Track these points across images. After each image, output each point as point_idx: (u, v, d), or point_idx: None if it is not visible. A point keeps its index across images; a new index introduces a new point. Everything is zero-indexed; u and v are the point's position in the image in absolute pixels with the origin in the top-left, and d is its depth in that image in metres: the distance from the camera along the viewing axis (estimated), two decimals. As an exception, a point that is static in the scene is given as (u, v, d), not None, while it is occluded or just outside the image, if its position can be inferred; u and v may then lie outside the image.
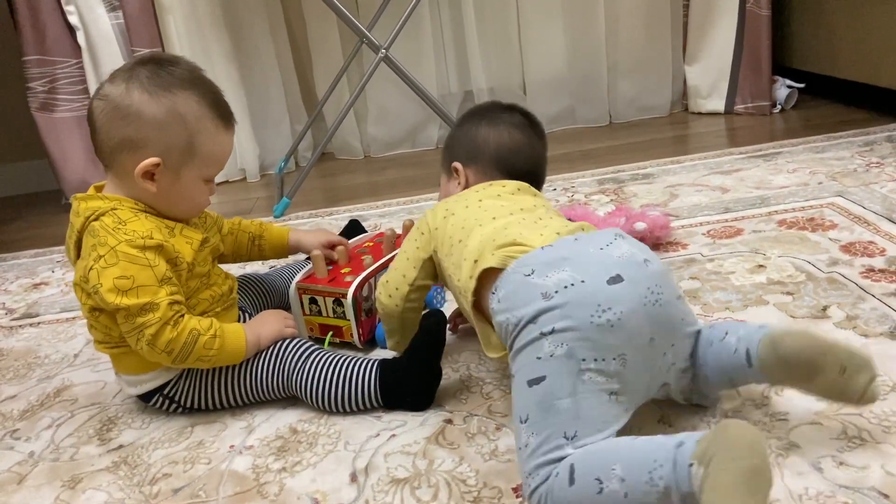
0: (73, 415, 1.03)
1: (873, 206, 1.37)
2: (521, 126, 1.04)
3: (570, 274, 0.74)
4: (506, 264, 0.80)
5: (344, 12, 1.88)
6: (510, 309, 0.76)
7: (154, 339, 0.87)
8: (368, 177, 2.21)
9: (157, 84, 0.89)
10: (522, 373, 0.74)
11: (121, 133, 0.89)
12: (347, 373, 0.94)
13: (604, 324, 0.71)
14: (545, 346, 0.72)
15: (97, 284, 0.87)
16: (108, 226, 0.89)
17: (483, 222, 0.89)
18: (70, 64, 2.13)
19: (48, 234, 1.98)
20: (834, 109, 2.17)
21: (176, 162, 0.91)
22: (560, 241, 0.80)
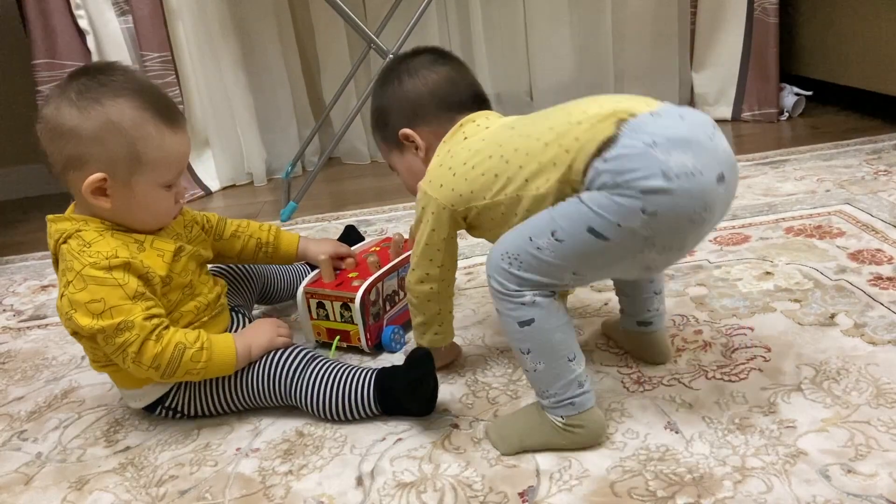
0: (81, 416, 1.04)
1: (881, 214, 1.36)
2: (439, 61, 0.96)
3: (692, 160, 0.71)
4: (620, 130, 0.74)
5: (352, 18, 1.88)
6: (619, 171, 0.72)
7: (138, 355, 0.86)
8: (375, 181, 2.22)
9: (87, 98, 0.85)
10: (588, 218, 0.74)
11: (63, 153, 0.87)
12: (344, 381, 0.93)
13: (697, 222, 0.74)
14: (635, 222, 0.72)
15: (70, 311, 0.86)
16: (74, 249, 0.87)
17: (518, 128, 0.84)
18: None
19: (56, 236, 1.99)
20: (842, 117, 2.17)
21: (123, 173, 0.87)
22: (667, 110, 0.76)
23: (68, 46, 2.10)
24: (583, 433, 0.81)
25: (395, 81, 0.96)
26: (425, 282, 0.93)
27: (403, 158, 0.99)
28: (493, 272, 0.81)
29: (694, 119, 0.76)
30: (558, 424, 0.81)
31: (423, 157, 0.96)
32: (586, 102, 0.82)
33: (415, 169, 0.98)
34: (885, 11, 1.86)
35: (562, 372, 0.80)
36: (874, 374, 0.89)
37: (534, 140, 0.81)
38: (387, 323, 1.11)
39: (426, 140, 0.95)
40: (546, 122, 0.83)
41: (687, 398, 0.89)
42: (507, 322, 0.81)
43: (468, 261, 1.42)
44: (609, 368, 0.98)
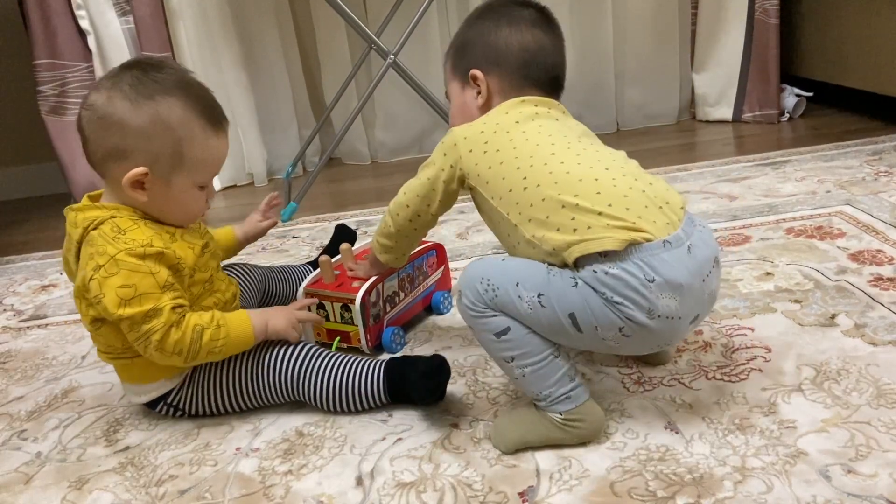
0: (81, 416, 1.04)
1: (882, 215, 1.36)
2: (541, 24, 0.95)
3: (677, 306, 0.76)
4: (627, 251, 0.75)
5: (353, 18, 1.89)
6: (614, 290, 0.75)
7: (161, 343, 0.87)
8: (376, 182, 2.22)
9: (139, 92, 0.86)
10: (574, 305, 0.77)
11: (107, 143, 0.87)
12: (353, 372, 0.94)
13: (658, 347, 0.82)
14: (609, 333, 0.77)
15: (99, 295, 0.86)
16: (107, 234, 0.87)
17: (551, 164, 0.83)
18: (80, 68, 2.14)
19: (57, 236, 1.99)
20: (842, 118, 2.17)
21: (165, 170, 0.89)
22: (679, 239, 0.77)
23: (69, 47, 2.11)
24: (583, 426, 0.82)
25: (493, 21, 0.95)
26: (413, 221, 0.96)
27: (462, 94, 0.98)
28: (466, 288, 0.83)
29: (699, 256, 0.78)
30: (557, 420, 0.82)
31: (482, 103, 0.96)
32: (621, 188, 0.80)
33: (468, 109, 0.97)
34: (885, 13, 1.86)
35: (549, 371, 0.81)
36: (874, 374, 0.89)
37: (555, 193, 0.80)
38: (387, 324, 1.11)
39: (491, 89, 0.95)
40: (576, 187, 0.80)
41: (687, 398, 0.89)
42: (483, 336, 0.83)
43: (468, 261, 1.41)
44: (609, 369, 0.98)
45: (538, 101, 0.93)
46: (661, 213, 0.79)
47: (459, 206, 1.75)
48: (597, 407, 0.83)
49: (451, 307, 1.22)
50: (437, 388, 0.90)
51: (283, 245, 1.67)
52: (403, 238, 0.99)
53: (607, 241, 0.75)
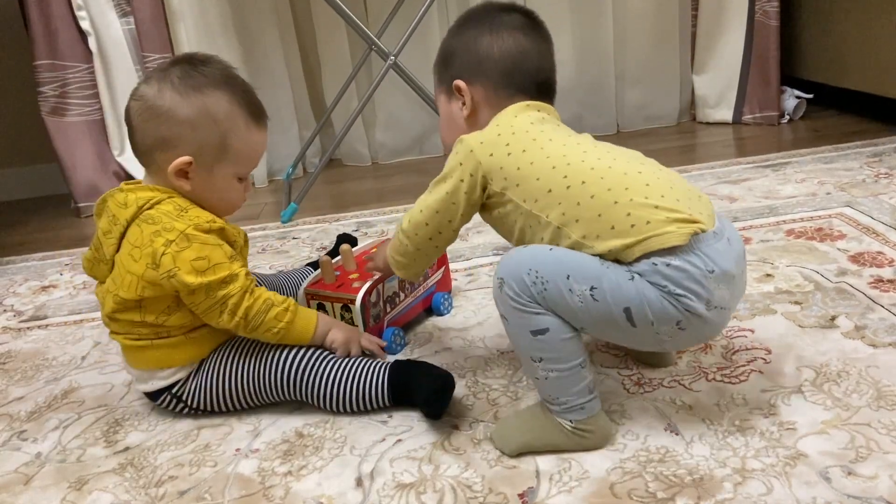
0: (80, 416, 1.04)
1: (882, 217, 1.36)
2: (525, 28, 0.93)
3: (729, 296, 0.77)
4: (690, 243, 0.75)
5: (353, 20, 1.89)
6: (677, 283, 0.74)
7: (236, 307, 0.91)
8: (376, 183, 2.22)
9: (188, 84, 0.91)
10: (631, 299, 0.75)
11: (155, 133, 0.91)
12: (357, 372, 0.94)
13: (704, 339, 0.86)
14: (664, 326, 0.76)
15: (173, 269, 0.89)
16: (171, 212, 0.91)
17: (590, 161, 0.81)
18: (81, 69, 2.14)
19: (57, 237, 1.99)
20: (842, 120, 2.17)
21: (209, 160, 0.93)
22: (721, 230, 0.78)
23: (70, 47, 2.11)
24: (592, 437, 0.81)
25: (474, 28, 0.93)
26: (434, 238, 0.91)
27: (449, 105, 0.97)
28: (510, 278, 0.79)
29: (737, 247, 0.80)
30: (567, 428, 0.81)
31: (467, 114, 0.94)
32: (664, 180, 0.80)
33: (455, 121, 0.96)
34: (885, 15, 1.86)
35: (575, 380, 0.80)
36: (875, 376, 0.89)
37: (604, 189, 0.78)
38: (387, 325, 1.11)
39: (475, 99, 0.93)
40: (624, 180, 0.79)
41: (687, 400, 0.89)
42: (518, 330, 0.80)
43: (468, 262, 1.42)
44: (609, 370, 0.98)
45: (540, 107, 0.91)
46: (702, 205, 0.80)
47: (459, 207, 1.76)
48: (607, 420, 0.83)
49: (452, 308, 1.22)
50: (439, 409, 0.90)
51: (284, 246, 1.67)
52: (423, 256, 0.94)
53: (672, 237, 0.74)
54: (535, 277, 0.77)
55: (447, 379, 0.90)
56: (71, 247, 1.86)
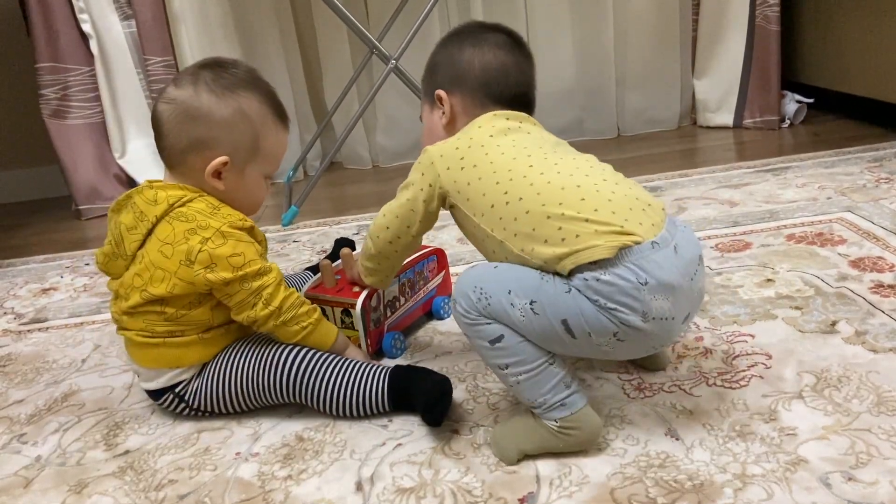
0: (80, 419, 1.04)
1: (882, 222, 1.36)
2: (507, 46, 0.97)
3: (670, 307, 0.77)
4: (618, 257, 0.75)
5: (354, 23, 1.89)
6: (608, 297, 0.75)
7: (271, 297, 0.93)
8: (376, 186, 2.22)
9: (222, 85, 0.93)
10: (568, 311, 0.77)
11: (191, 134, 0.92)
12: (357, 376, 0.94)
13: (652, 349, 0.83)
14: (603, 338, 0.77)
15: (211, 265, 0.90)
16: (204, 210, 0.93)
17: (531, 176, 0.83)
18: (82, 72, 2.14)
19: (57, 239, 1.99)
20: (843, 125, 2.17)
21: (242, 160, 0.95)
22: (665, 239, 0.78)
23: (71, 50, 2.11)
24: (578, 434, 0.81)
25: (458, 44, 0.98)
26: (393, 243, 0.96)
27: (431, 115, 1.01)
28: (459, 296, 0.83)
29: (686, 255, 0.79)
30: (553, 428, 0.81)
31: (445, 123, 0.98)
32: (603, 193, 0.81)
33: (434, 129, 1.00)
34: (886, 20, 1.87)
35: (544, 377, 0.81)
36: (875, 381, 0.89)
37: (539, 205, 0.81)
38: (387, 329, 1.11)
39: (455, 109, 0.97)
40: (559, 195, 0.81)
41: (687, 405, 0.89)
42: (477, 343, 0.83)
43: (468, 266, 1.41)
44: (609, 374, 0.98)
45: (509, 115, 0.94)
46: (645, 215, 0.80)
47: (460, 210, 1.76)
48: (593, 414, 0.83)
49: (451, 312, 1.22)
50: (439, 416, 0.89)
51: (284, 249, 1.67)
52: (385, 260, 1.00)
53: (597, 251, 0.75)
54: (479, 294, 0.81)
55: (445, 384, 0.90)
56: (71, 249, 1.86)
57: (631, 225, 0.77)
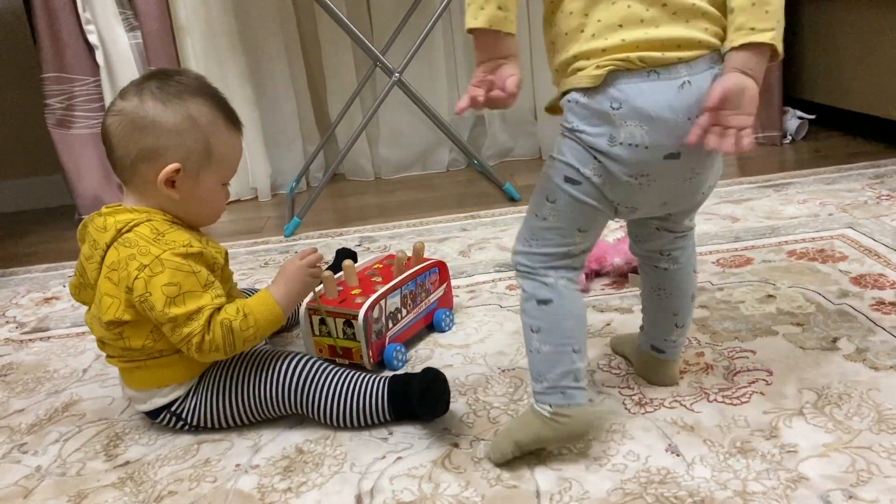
0: (81, 430, 1.04)
1: (884, 239, 1.37)
2: None
3: (642, 135, 0.75)
4: (604, 82, 0.74)
5: (359, 36, 1.90)
6: (581, 118, 0.76)
7: (200, 346, 0.90)
8: (379, 198, 2.22)
9: (168, 93, 0.91)
10: (560, 169, 0.79)
11: (140, 144, 0.91)
12: (357, 387, 0.95)
13: (635, 185, 0.78)
14: (588, 167, 0.78)
15: (145, 294, 0.88)
16: (147, 236, 0.90)
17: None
18: (88, 82, 2.15)
19: (60, 248, 1.99)
20: (844, 141, 2.17)
21: (195, 166, 0.93)
22: (674, 73, 0.74)
23: (77, 61, 2.12)
24: (569, 423, 0.81)
25: None
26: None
27: None
28: (515, 255, 0.85)
29: (691, 93, 0.74)
30: (546, 415, 0.82)
31: None
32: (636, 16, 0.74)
33: None
34: (887, 37, 1.88)
35: (562, 359, 0.82)
36: (876, 399, 0.89)
37: (582, 15, 0.76)
38: (389, 341, 1.11)
39: None
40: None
41: (688, 421, 0.89)
42: (527, 300, 0.84)
43: (470, 279, 1.42)
44: (611, 390, 0.98)
45: None
46: (672, 35, 0.73)
47: (462, 222, 1.76)
48: (589, 412, 0.84)
49: (453, 325, 1.22)
50: (438, 402, 0.91)
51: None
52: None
53: (585, 76, 0.75)
54: (523, 240, 0.85)
55: (436, 373, 0.92)
56: (74, 259, 1.85)
57: (644, 39, 0.73)
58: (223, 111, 0.96)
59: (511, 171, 2.27)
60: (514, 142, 2.45)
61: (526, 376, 1.03)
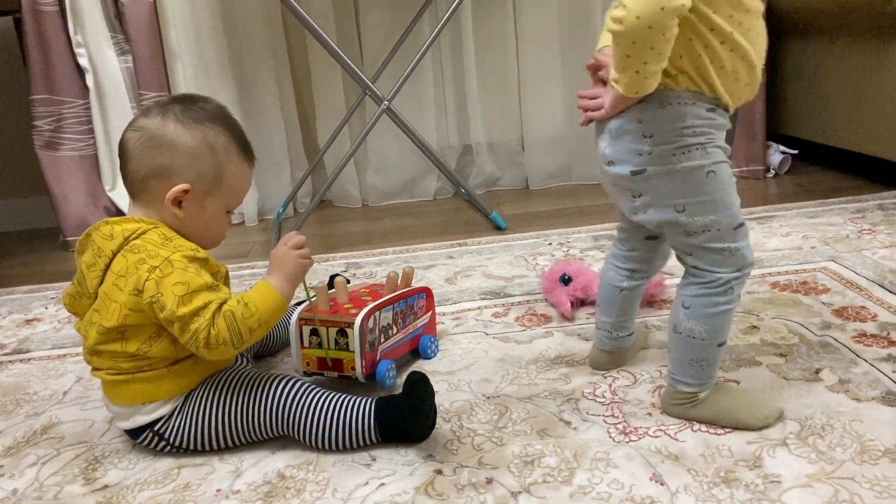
0: (59, 453, 1.02)
1: (865, 272, 1.38)
2: None
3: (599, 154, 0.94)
4: None
5: (349, 64, 1.92)
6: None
7: (207, 341, 0.90)
8: (366, 225, 2.23)
9: (190, 117, 0.95)
10: None
11: (154, 161, 0.94)
12: (344, 409, 0.94)
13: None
14: None
15: (157, 294, 0.89)
16: (156, 241, 0.93)
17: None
18: (77, 104, 2.16)
19: (44, 270, 1.98)
20: (827, 176, 2.21)
21: (203, 190, 0.96)
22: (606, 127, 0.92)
23: (67, 83, 2.13)
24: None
25: None
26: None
27: None
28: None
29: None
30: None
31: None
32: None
33: None
34: (868, 75, 1.92)
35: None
36: (858, 430, 0.89)
37: None
38: (381, 356, 1.11)
39: None
40: None
41: (673, 450, 0.89)
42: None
43: (456, 306, 1.42)
44: (595, 417, 0.98)
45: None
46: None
47: (448, 250, 1.77)
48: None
49: (438, 351, 1.22)
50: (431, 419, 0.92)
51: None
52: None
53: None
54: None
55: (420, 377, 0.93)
56: (57, 280, 1.85)
57: None
58: (239, 141, 0.99)
59: (498, 200, 2.29)
60: (502, 171, 2.47)
61: (511, 403, 1.03)
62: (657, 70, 0.82)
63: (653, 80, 0.83)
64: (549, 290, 1.37)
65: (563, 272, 1.36)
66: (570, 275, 1.35)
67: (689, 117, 0.86)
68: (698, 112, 0.87)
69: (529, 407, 1.02)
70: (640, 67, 0.81)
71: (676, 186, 0.88)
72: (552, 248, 1.73)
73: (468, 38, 2.31)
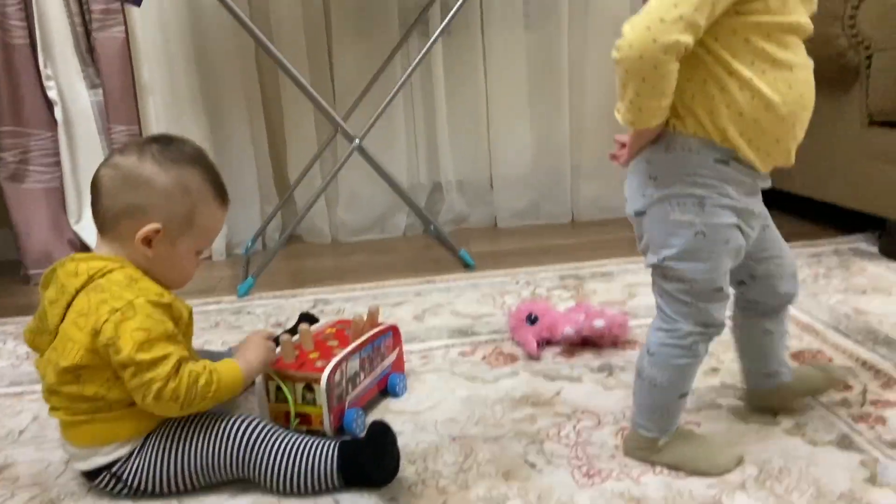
0: (14, 495, 0.99)
1: (821, 316, 1.42)
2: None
3: None
4: None
5: (320, 102, 1.94)
6: None
7: (160, 392, 0.89)
8: (335, 261, 2.23)
9: (167, 157, 0.95)
10: None
11: (128, 199, 0.94)
12: (305, 451, 0.93)
13: None
14: None
15: (114, 337, 0.88)
16: (121, 282, 0.92)
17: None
18: (44, 137, 2.13)
19: (3, 304, 1.94)
20: (785, 221, 2.24)
21: (175, 231, 0.96)
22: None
23: (35, 115, 2.11)
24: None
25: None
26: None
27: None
28: None
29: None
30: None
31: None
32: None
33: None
34: (825, 124, 1.99)
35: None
36: (815, 474, 0.91)
37: None
38: (349, 405, 1.10)
39: None
40: None
41: (635, 493, 0.90)
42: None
43: (423, 344, 1.42)
44: (560, 460, 0.98)
45: None
46: None
47: (417, 287, 1.78)
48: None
49: (406, 390, 1.22)
50: (394, 464, 0.91)
51: (238, 321, 1.66)
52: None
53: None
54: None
55: (383, 428, 0.93)
56: (17, 314, 1.81)
57: None
58: (214, 184, 1.00)
59: (467, 238, 2.31)
60: (471, 209, 2.50)
61: (476, 444, 1.03)
62: (655, 106, 0.81)
63: (649, 115, 0.82)
64: (516, 329, 1.38)
65: (530, 311, 1.38)
66: (536, 314, 1.37)
67: (693, 166, 0.85)
68: (703, 161, 0.84)
69: (495, 448, 1.02)
70: (633, 98, 0.82)
71: (662, 237, 0.88)
72: (519, 286, 1.75)
73: (439, 78, 2.35)
